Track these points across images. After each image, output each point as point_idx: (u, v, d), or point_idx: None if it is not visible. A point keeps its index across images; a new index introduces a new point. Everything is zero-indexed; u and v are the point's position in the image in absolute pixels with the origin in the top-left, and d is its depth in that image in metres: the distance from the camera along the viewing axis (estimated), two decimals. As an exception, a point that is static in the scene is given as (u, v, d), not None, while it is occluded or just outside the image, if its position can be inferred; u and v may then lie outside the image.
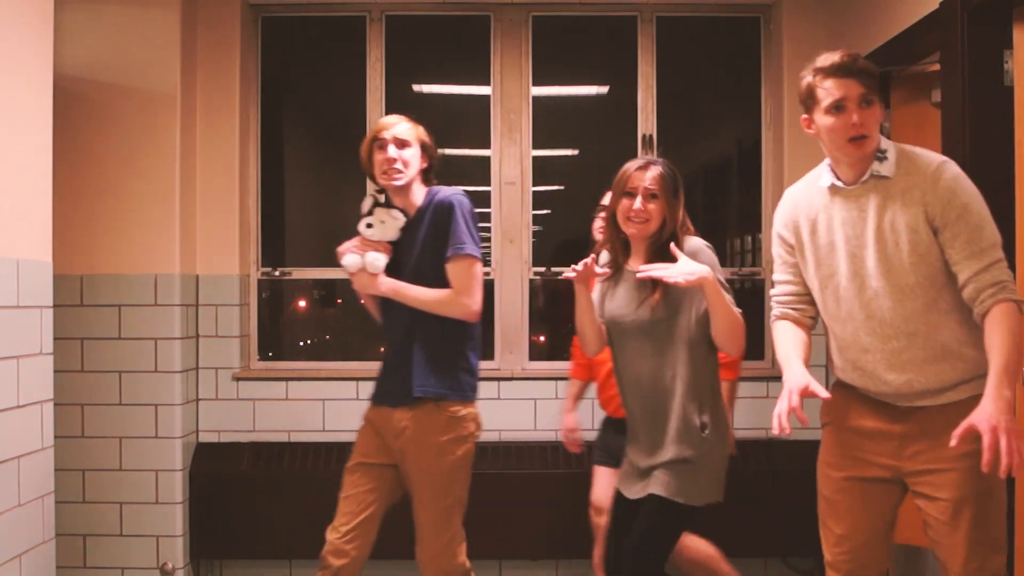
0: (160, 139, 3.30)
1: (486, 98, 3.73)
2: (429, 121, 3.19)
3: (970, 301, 1.93)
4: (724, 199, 4.20)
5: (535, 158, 3.70)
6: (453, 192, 2.47)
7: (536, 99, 3.73)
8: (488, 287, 3.70)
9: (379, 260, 2.44)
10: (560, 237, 3.92)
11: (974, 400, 1.91)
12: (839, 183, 2.05)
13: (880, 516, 2.08)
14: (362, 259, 2.44)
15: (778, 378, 2.13)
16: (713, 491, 2.33)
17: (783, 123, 3.57)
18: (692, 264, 2.21)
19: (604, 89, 3.96)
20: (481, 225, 3.85)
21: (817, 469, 2.15)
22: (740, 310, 2.27)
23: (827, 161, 2.09)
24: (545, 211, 3.50)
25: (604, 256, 2.46)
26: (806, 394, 1.96)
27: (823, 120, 1.99)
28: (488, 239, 3.75)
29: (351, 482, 2.48)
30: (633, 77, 3.70)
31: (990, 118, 2.47)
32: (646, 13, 3.70)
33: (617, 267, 2.41)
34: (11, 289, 2.33)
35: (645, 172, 2.34)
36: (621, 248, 2.40)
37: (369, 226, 2.47)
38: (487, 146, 3.72)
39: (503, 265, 3.70)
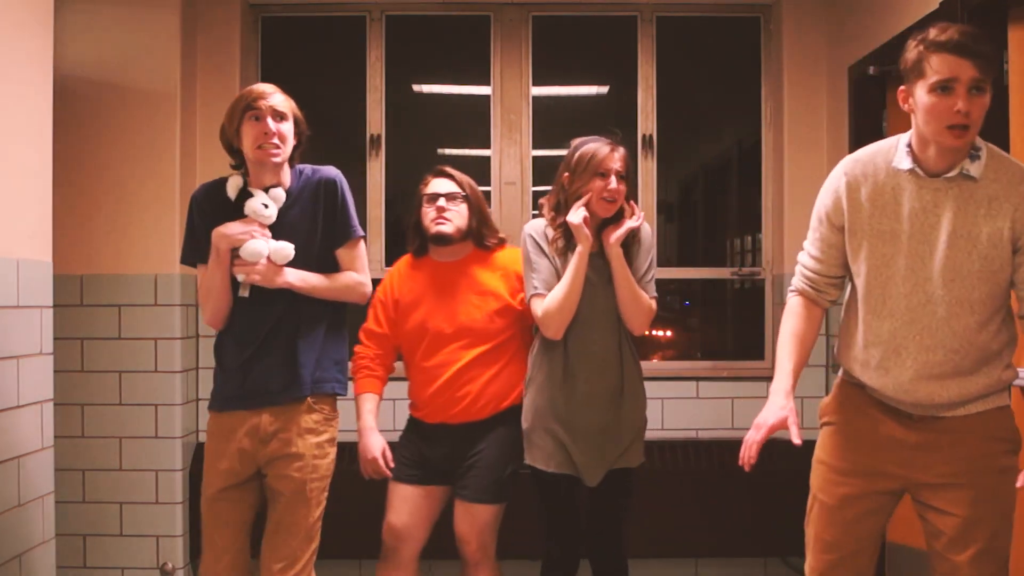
0: (160, 139, 3.30)
1: (486, 98, 3.73)
2: (429, 121, 3.21)
3: None
4: (724, 199, 4.20)
5: (535, 158, 3.70)
6: (331, 168, 2.33)
7: (536, 99, 3.73)
8: (488, 287, 3.70)
9: (288, 248, 2.20)
10: (560, 237, 3.91)
11: (995, 412, 1.88)
12: (920, 170, 1.86)
13: (877, 526, 1.99)
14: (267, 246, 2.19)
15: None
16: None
17: (783, 123, 3.57)
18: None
19: (604, 89, 3.96)
20: (481, 225, 3.85)
21: (813, 468, 2.04)
22: (653, 297, 2.47)
23: (907, 139, 1.89)
24: (545, 211, 3.48)
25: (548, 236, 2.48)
26: (777, 429, 1.92)
27: (924, 98, 1.78)
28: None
29: (219, 512, 2.26)
30: (633, 77, 3.70)
31: (990, 118, 2.45)
32: (646, 13, 3.70)
33: (569, 243, 2.44)
34: (11, 289, 2.33)
35: (615, 153, 2.44)
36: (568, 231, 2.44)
37: (266, 206, 2.20)
38: (487, 146, 3.72)
39: (503, 265, 3.69)
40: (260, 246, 2.18)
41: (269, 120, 2.17)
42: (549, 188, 2.60)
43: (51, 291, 2.53)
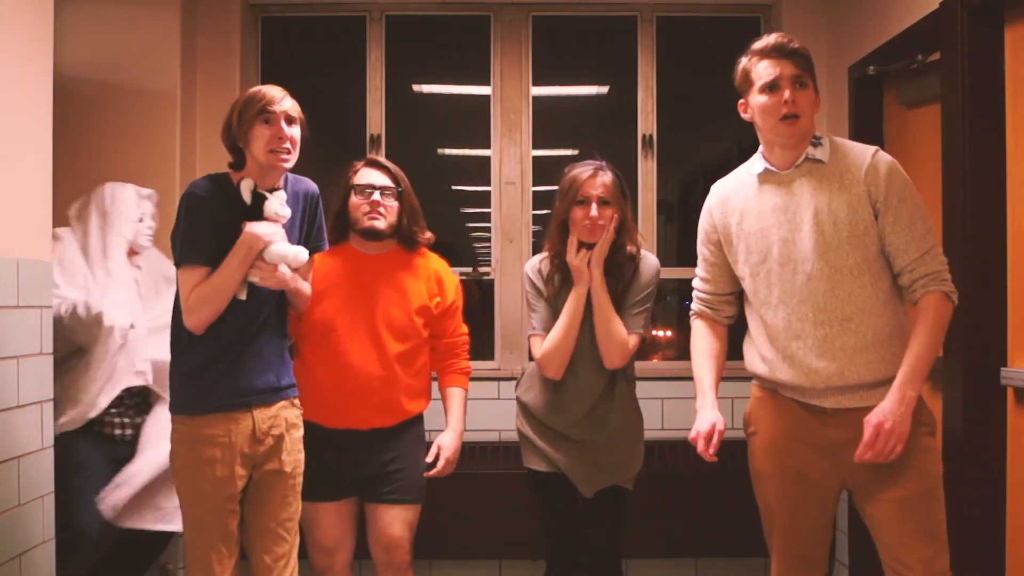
0: (160, 139, 3.30)
1: (486, 98, 3.73)
2: (429, 121, 3.21)
3: (904, 289, 1.97)
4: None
5: (535, 158, 3.70)
6: (310, 181, 2.33)
7: (536, 99, 3.73)
8: (488, 287, 3.71)
9: (303, 253, 2.19)
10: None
11: None
12: (772, 168, 2.05)
13: (827, 519, 2.10)
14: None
15: (746, 378, 2.17)
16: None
17: (783, 123, 3.57)
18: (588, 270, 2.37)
19: (604, 89, 3.96)
20: (481, 225, 3.88)
21: (753, 479, 2.16)
22: (636, 332, 2.41)
23: (760, 150, 2.10)
24: (545, 211, 3.48)
25: (545, 267, 2.48)
26: (711, 435, 2.04)
27: (757, 100, 2.00)
28: (488, 239, 3.75)
29: (223, 528, 2.17)
30: (633, 77, 3.70)
31: (990, 118, 2.47)
32: (646, 13, 3.70)
33: (565, 277, 2.44)
34: (11, 289, 2.33)
35: (595, 179, 2.39)
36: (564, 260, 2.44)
37: (284, 206, 2.18)
38: (487, 146, 3.72)
39: (503, 265, 3.70)
40: (286, 249, 2.15)
41: (284, 125, 2.14)
42: (549, 188, 2.60)
43: (51, 291, 2.52)
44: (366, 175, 2.53)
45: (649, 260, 2.48)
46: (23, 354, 2.38)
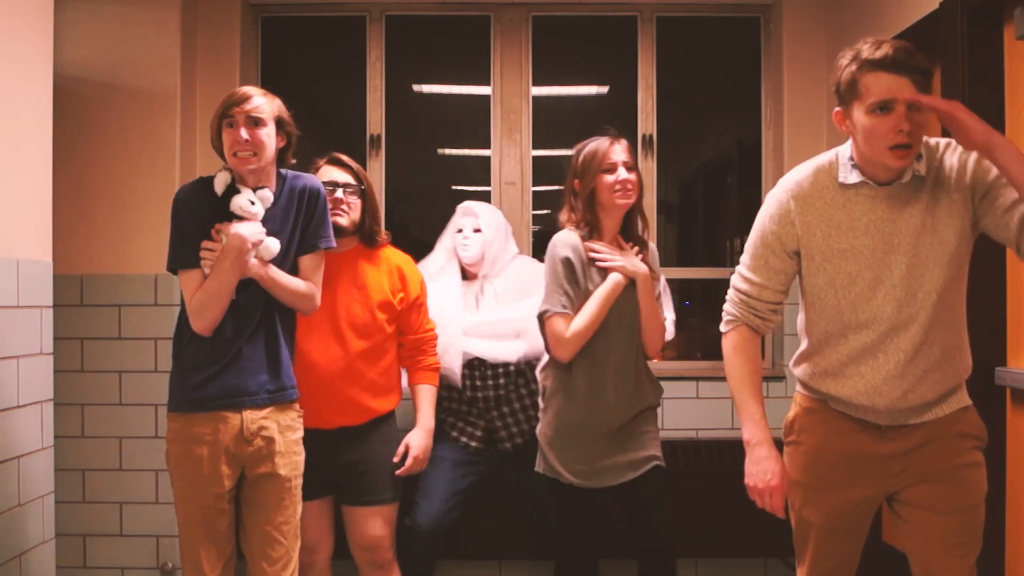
0: (160, 139, 3.30)
1: (486, 98, 3.73)
2: (429, 121, 3.20)
3: None
4: (724, 199, 4.20)
5: (535, 158, 3.70)
6: (313, 178, 2.33)
7: (536, 99, 3.72)
8: (488, 287, 3.70)
9: (274, 243, 2.20)
10: (560, 237, 3.92)
11: (960, 412, 1.89)
12: (871, 183, 1.84)
13: (863, 531, 2.02)
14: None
15: (777, 378, 2.13)
16: None
17: (783, 123, 3.57)
18: (637, 262, 2.45)
19: (604, 89, 3.96)
20: (481, 225, 3.84)
21: (788, 489, 1.97)
22: (670, 317, 2.56)
23: (847, 154, 1.87)
24: (545, 211, 3.50)
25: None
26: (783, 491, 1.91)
27: (863, 120, 1.75)
28: (488, 239, 3.74)
29: (211, 525, 2.20)
30: (633, 77, 3.70)
31: (990, 118, 2.46)
32: (646, 13, 3.70)
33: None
34: (11, 289, 2.33)
35: (616, 145, 2.46)
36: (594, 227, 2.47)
37: (252, 203, 2.18)
38: (487, 146, 3.72)
39: (503, 265, 3.69)
40: (274, 244, 2.20)
41: (242, 129, 2.15)
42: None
43: (51, 291, 2.53)
44: (328, 172, 2.57)
45: (651, 245, 2.58)
46: (23, 354, 2.38)
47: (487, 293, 2.98)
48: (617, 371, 2.43)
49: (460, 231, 3.00)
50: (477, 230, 2.98)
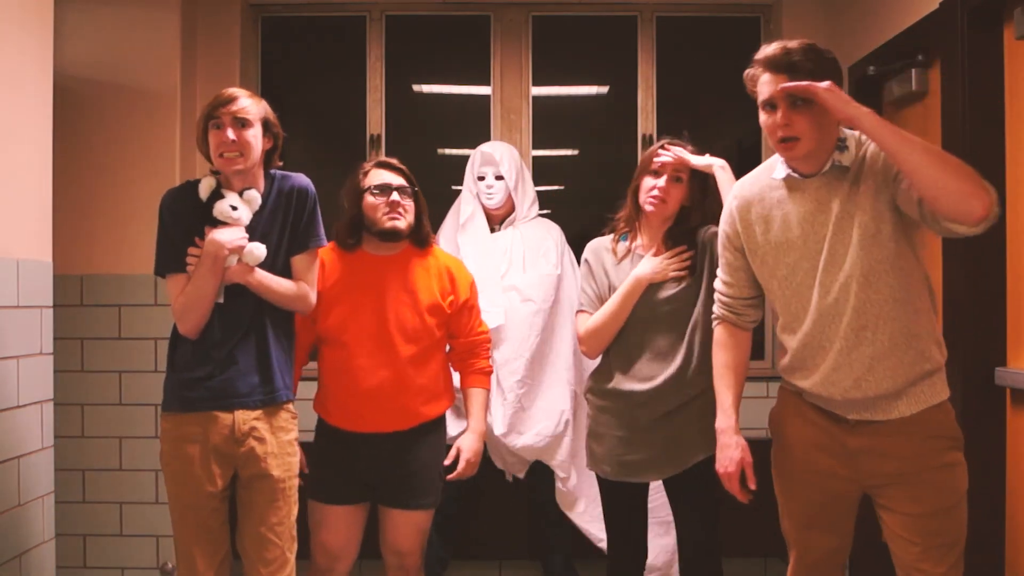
0: (160, 139, 3.30)
1: (486, 98, 3.73)
2: (429, 121, 3.19)
3: None
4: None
5: (535, 158, 3.70)
6: (302, 177, 2.31)
7: (536, 99, 3.73)
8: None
9: (259, 249, 2.19)
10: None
11: (932, 411, 1.88)
12: (796, 175, 1.92)
13: (849, 516, 2.04)
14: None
15: (777, 378, 2.13)
16: None
17: (783, 123, 3.57)
18: (664, 266, 2.35)
19: (604, 89, 3.96)
20: (481, 225, 3.84)
21: (775, 480, 2.10)
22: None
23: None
24: (545, 211, 3.49)
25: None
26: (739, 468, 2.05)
27: (761, 117, 1.89)
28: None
29: (203, 523, 2.19)
30: (633, 77, 3.70)
31: (990, 118, 2.47)
32: (646, 13, 3.70)
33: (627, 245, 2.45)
34: (11, 289, 2.34)
35: (671, 151, 2.38)
36: (636, 226, 2.44)
37: (234, 208, 2.18)
38: (487, 146, 3.71)
39: (503, 265, 3.69)
40: (259, 249, 2.19)
41: (228, 130, 2.15)
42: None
43: (51, 291, 2.53)
44: (379, 176, 2.49)
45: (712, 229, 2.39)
46: (23, 354, 2.38)
47: (515, 248, 3.12)
48: (652, 365, 2.35)
49: (482, 178, 3.13)
50: (499, 177, 3.11)
